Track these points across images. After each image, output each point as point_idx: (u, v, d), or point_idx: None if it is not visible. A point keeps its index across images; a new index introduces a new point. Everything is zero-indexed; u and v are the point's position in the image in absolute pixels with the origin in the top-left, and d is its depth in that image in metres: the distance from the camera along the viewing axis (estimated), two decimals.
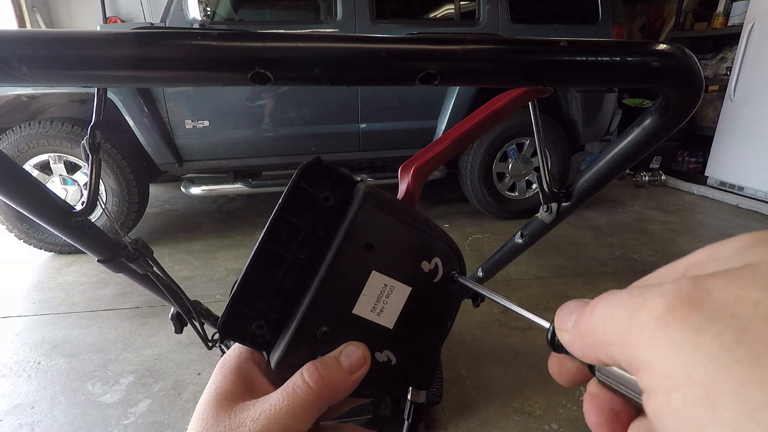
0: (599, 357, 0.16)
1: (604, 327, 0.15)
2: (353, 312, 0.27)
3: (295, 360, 0.26)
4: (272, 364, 0.26)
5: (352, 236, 0.26)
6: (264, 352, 0.27)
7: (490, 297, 0.29)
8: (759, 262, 0.12)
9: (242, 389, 0.26)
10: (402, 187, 0.32)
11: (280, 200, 0.26)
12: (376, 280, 0.27)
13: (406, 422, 0.62)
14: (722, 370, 0.11)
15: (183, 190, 2.64)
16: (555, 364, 0.20)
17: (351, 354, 0.26)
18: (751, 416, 0.10)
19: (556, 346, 0.19)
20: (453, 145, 0.34)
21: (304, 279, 0.27)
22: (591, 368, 0.18)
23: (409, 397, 0.60)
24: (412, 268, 0.28)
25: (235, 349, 0.28)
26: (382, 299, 0.27)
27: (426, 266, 0.28)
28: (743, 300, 0.11)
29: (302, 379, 0.25)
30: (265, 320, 0.27)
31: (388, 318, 0.27)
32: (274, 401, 0.24)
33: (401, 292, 0.28)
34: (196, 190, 2.61)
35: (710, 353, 0.11)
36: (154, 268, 0.66)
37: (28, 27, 4.27)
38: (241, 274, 0.26)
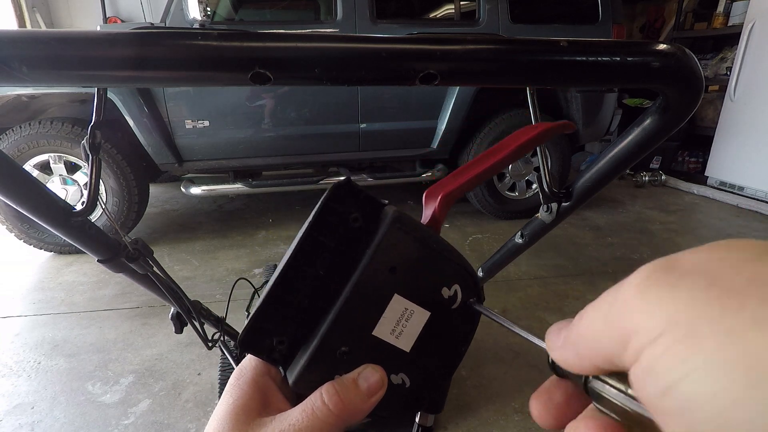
0: (593, 361, 0.16)
1: (593, 325, 0.16)
2: (373, 333, 0.27)
3: (313, 378, 0.26)
4: (290, 381, 0.26)
5: (378, 258, 0.26)
6: (280, 368, 0.27)
7: (505, 325, 0.28)
8: (717, 243, 0.14)
9: (259, 404, 0.26)
10: (427, 213, 0.33)
11: (310, 218, 0.26)
12: (398, 303, 0.27)
13: None
14: (700, 309, 0.12)
15: (183, 190, 2.64)
16: (539, 402, 0.20)
17: (369, 377, 0.26)
18: (731, 339, 0.11)
19: (558, 369, 0.19)
20: (480, 175, 0.34)
21: (325, 297, 0.27)
22: (585, 388, 0.18)
23: (417, 419, 0.60)
24: (432, 293, 0.28)
25: (251, 361, 0.28)
26: (401, 322, 0.27)
27: (446, 292, 0.28)
28: (709, 258, 0.13)
29: (322, 400, 0.25)
30: (285, 336, 0.27)
31: (405, 341, 0.28)
32: (293, 421, 0.24)
33: (420, 316, 0.28)
34: (196, 190, 2.61)
35: (688, 299, 0.13)
36: (154, 268, 0.66)
37: (28, 27, 4.27)
38: (267, 289, 0.26)
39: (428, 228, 0.30)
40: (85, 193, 1.55)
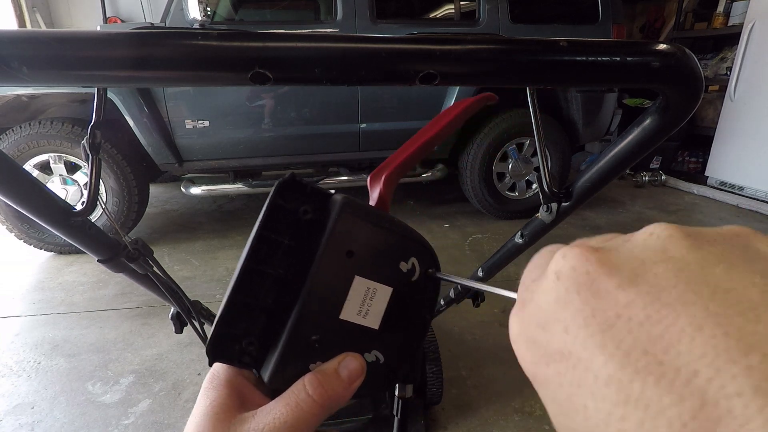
0: None
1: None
2: (340, 317, 0.27)
3: (288, 371, 0.26)
4: (265, 379, 0.27)
5: (333, 245, 0.27)
6: (254, 370, 0.28)
7: (464, 284, 0.30)
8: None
9: (237, 402, 0.25)
10: (374, 195, 0.33)
11: (258, 219, 0.27)
12: (360, 284, 0.28)
13: (395, 418, 0.62)
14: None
15: (183, 190, 2.64)
16: None
17: (349, 365, 0.27)
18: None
19: None
20: (417, 152, 0.36)
21: (288, 292, 0.27)
22: None
23: (396, 392, 0.60)
24: (391, 269, 0.29)
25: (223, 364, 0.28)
26: (366, 302, 0.28)
27: (404, 266, 0.29)
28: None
29: (306, 392, 0.25)
30: (254, 336, 0.27)
31: (373, 319, 0.29)
32: (277, 414, 0.24)
33: (383, 293, 0.29)
34: (196, 190, 2.61)
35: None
36: (154, 268, 0.66)
37: (28, 27, 4.27)
38: (226, 296, 0.26)
39: (377, 209, 0.30)
40: (85, 193, 1.55)
